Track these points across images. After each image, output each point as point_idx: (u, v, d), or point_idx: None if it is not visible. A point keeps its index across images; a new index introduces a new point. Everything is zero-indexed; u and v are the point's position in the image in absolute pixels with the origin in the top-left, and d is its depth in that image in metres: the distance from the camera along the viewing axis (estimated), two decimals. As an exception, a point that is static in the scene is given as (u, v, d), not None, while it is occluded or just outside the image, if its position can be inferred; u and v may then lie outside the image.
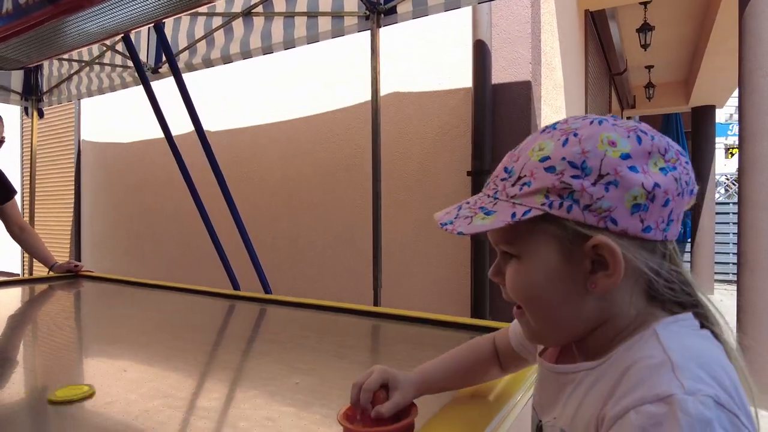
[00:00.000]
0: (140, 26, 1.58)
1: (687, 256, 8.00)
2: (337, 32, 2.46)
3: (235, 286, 2.08)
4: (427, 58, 2.79)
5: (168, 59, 1.87)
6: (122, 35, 1.68)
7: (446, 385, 0.76)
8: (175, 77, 1.86)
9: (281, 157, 3.41)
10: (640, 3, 4.47)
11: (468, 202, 0.54)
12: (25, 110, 4.03)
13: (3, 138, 2.13)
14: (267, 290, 1.97)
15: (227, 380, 1.01)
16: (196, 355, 1.19)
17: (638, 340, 0.47)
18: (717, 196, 8.34)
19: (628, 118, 8.70)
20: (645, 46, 4.94)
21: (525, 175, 0.49)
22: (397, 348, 1.25)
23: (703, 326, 0.49)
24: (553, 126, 0.51)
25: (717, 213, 7.40)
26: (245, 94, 3.61)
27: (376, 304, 2.28)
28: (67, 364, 1.13)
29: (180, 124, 3.89)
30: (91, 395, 0.87)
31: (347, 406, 0.70)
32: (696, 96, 6.87)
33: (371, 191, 2.97)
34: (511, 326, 0.72)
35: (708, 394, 0.40)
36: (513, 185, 0.50)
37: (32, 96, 3.97)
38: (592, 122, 0.49)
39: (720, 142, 11.69)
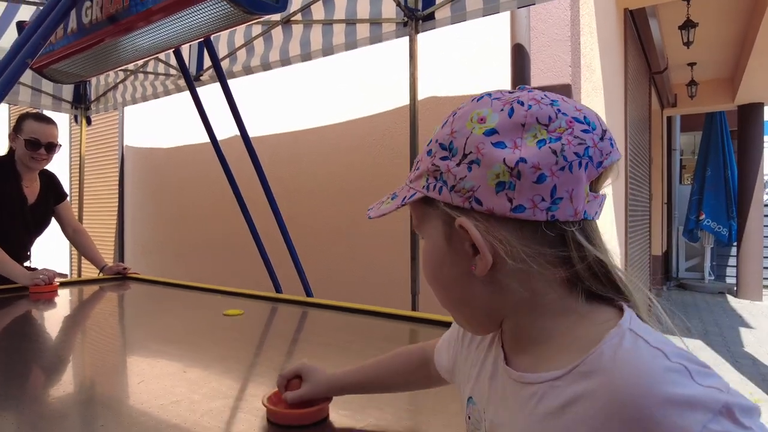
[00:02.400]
0: (192, 41, 1.64)
1: (733, 261, 7.71)
2: (375, 39, 2.49)
3: (278, 289, 2.13)
4: (465, 61, 2.79)
5: (216, 69, 1.95)
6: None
7: (360, 387, 0.79)
8: (221, 84, 1.93)
9: (320, 161, 3.47)
10: (683, -1, 4.35)
11: (397, 189, 0.54)
12: (75, 118, 4.23)
13: (59, 144, 2.26)
14: (309, 293, 2.02)
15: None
16: (247, 357, 1.24)
17: (615, 348, 0.40)
18: (766, 197, 8.01)
19: (667, 118, 8.45)
20: (688, 44, 4.79)
21: (419, 160, 0.49)
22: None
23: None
24: (453, 114, 0.48)
25: (766, 215, 7.10)
26: (283, 99, 3.69)
27: (414, 308, 2.30)
28: (129, 362, 1.19)
29: (219, 130, 4.01)
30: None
31: (275, 391, 0.82)
32: (742, 93, 6.61)
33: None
34: (440, 341, 0.70)
35: (727, 384, 0.38)
36: (412, 171, 0.50)
37: (81, 104, 4.16)
38: (473, 100, 0.47)
39: (768, 141, 11.22)
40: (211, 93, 4.06)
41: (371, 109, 3.19)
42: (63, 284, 2.33)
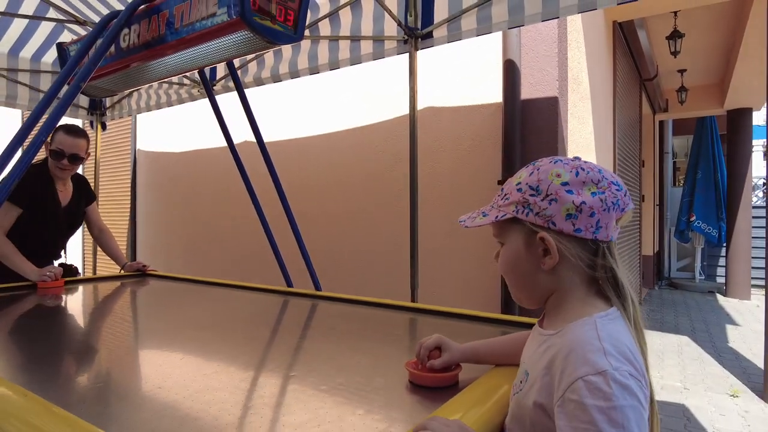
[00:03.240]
0: (216, 64, 1.84)
1: (723, 261, 7.91)
2: (378, 55, 2.70)
3: (289, 284, 2.33)
4: (461, 75, 3.00)
5: (234, 80, 2.15)
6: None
7: (488, 358, 1.05)
8: (239, 94, 2.13)
9: (325, 165, 3.68)
10: (670, 12, 4.55)
11: (480, 209, 0.84)
12: (90, 124, 4.43)
13: (85, 156, 2.42)
14: (317, 287, 2.22)
15: (302, 360, 1.25)
16: (270, 344, 1.44)
17: (582, 324, 0.71)
18: (754, 199, 8.21)
19: (659, 122, 8.67)
20: (675, 53, 5.00)
21: (508, 193, 0.79)
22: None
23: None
24: (533, 162, 0.79)
25: (754, 217, 7.30)
26: (291, 108, 3.90)
27: (413, 301, 2.50)
28: (153, 351, 1.39)
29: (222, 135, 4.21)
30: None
31: (413, 359, 1.03)
32: (731, 99, 6.82)
33: (406, 199, 3.20)
34: None
35: (625, 370, 0.64)
36: (502, 199, 0.80)
37: (97, 111, 4.35)
38: (551, 161, 0.76)
39: (758, 145, 11.43)
40: (221, 101, 4.26)
41: (373, 118, 3.40)
42: (85, 281, 2.51)
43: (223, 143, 4.37)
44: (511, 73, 2.69)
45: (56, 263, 2.56)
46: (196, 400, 0.93)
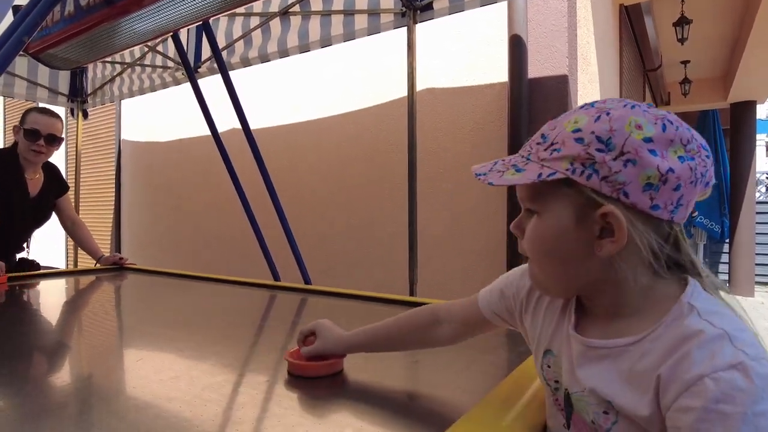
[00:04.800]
0: (190, 24, 1.64)
1: (725, 257, 7.76)
2: (374, 29, 2.49)
3: (276, 277, 2.13)
4: (461, 53, 2.80)
5: (216, 58, 1.94)
6: (171, 34, 1.75)
7: (371, 345, 0.88)
8: (222, 74, 1.92)
9: (314, 151, 3.47)
10: (678, -4, 4.37)
11: (503, 160, 0.60)
12: (71, 111, 4.20)
13: (61, 138, 2.25)
14: (307, 281, 2.02)
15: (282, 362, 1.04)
16: (248, 338, 1.24)
17: (678, 317, 0.52)
18: (758, 195, 8.06)
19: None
20: (682, 40, 4.82)
21: (557, 142, 0.55)
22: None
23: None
24: (592, 104, 0.56)
25: (758, 213, 7.15)
26: (278, 90, 3.69)
27: (411, 296, 2.30)
28: (127, 344, 1.19)
29: (215, 122, 3.99)
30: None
31: (296, 348, 0.92)
32: (735, 91, 6.66)
33: (405, 186, 3.00)
34: (481, 296, 0.80)
35: (764, 357, 0.47)
36: (545, 150, 0.56)
37: (78, 98, 4.13)
38: (625, 105, 0.54)
39: (762, 139, 11.30)
40: (208, 85, 4.05)
41: (366, 99, 3.19)
42: (58, 274, 2.32)
43: (208, 131, 4.16)
44: (517, 49, 2.49)
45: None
46: (169, 387, 0.84)
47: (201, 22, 1.64)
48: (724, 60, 6.52)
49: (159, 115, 4.71)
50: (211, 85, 4.04)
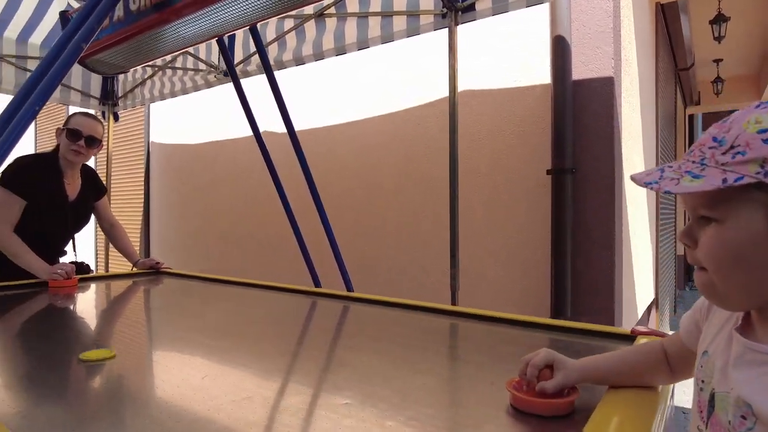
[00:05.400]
0: (238, 29, 1.61)
1: None
2: (413, 31, 2.45)
3: (317, 283, 2.10)
4: (501, 54, 2.74)
5: (262, 60, 1.91)
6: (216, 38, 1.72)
7: (609, 377, 0.80)
8: (267, 75, 1.90)
9: (351, 155, 3.43)
10: (716, -7, 4.25)
11: (671, 166, 0.56)
12: (102, 114, 4.23)
13: (101, 141, 2.25)
14: (349, 288, 1.98)
15: (353, 379, 1.00)
16: (305, 352, 1.20)
17: None
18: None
19: (689, 116, 8.30)
20: (719, 38, 4.69)
21: (739, 145, 0.51)
22: (505, 349, 1.21)
23: None
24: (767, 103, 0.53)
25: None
26: (313, 93, 3.66)
27: (453, 303, 2.25)
28: (185, 357, 1.16)
29: (241, 126, 3.98)
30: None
31: (515, 378, 0.82)
32: (771, 90, 6.47)
33: (443, 190, 2.94)
34: (681, 327, 0.75)
35: None
36: (724, 153, 0.52)
37: (109, 101, 4.16)
38: None
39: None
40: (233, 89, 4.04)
41: (405, 101, 3.15)
42: (96, 278, 2.31)
43: (241, 133, 4.16)
44: (560, 50, 2.42)
45: (67, 260, 2.37)
46: (245, 409, 0.77)
47: (248, 27, 1.61)
48: (758, 57, 6.34)
49: (187, 117, 4.73)
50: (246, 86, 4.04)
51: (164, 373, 1.03)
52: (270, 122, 3.85)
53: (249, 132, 4.09)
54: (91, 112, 5.39)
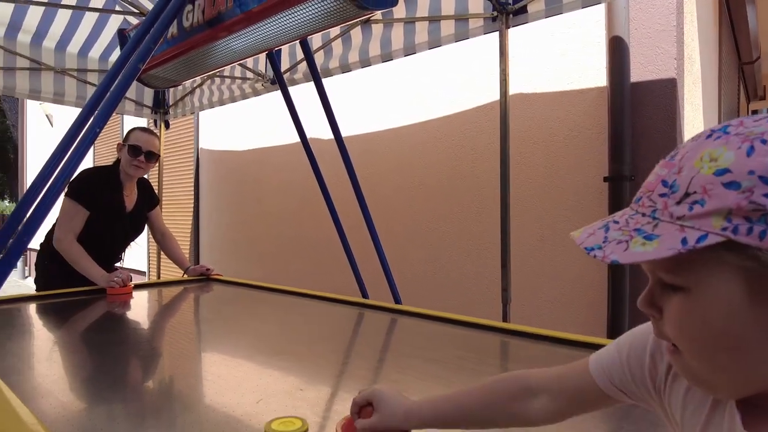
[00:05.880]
0: (288, 42, 1.60)
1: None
2: (461, 35, 2.39)
3: (364, 294, 2.07)
4: (554, 56, 2.64)
5: (311, 70, 1.91)
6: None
7: (447, 421, 0.69)
8: (316, 84, 1.90)
9: (396, 161, 3.40)
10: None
11: (616, 222, 0.45)
12: (155, 122, 4.38)
13: (159, 155, 2.34)
14: (397, 300, 1.95)
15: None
16: (359, 372, 1.17)
17: None
18: None
19: (752, 111, 7.81)
20: (789, 31, 4.37)
21: (695, 192, 0.40)
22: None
23: None
24: (723, 129, 0.41)
25: None
26: (357, 99, 3.66)
27: (505, 318, 2.18)
28: (239, 376, 1.15)
29: (288, 133, 4.02)
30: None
31: (348, 417, 0.75)
32: None
33: (492, 197, 2.86)
34: (593, 363, 0.62)
35: None
36: (678, 203, 0.41)
37: (160, 109, 4.30)
38: None
39: None
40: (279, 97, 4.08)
41: (449, 107, 3.09)
42: (148, 285, 2.38)
43: (288, 139, 4.21)
44: (618, 51, 2.30)
45: (118, 266, 2.46)
46: None
47: (299, 41, 1.60)
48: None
49: (235, 124, 4.83)
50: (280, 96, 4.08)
51: (219, 396, 1.02)
52: (316, 129, 3.87)
53: (295, 138, 4.13)
54: (144, 121, 5.59)
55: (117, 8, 3.21)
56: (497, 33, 2.27)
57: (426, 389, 1.05)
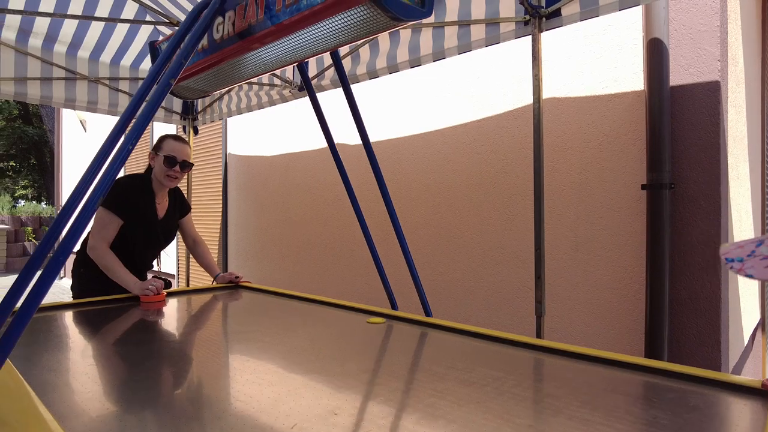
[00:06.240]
0: (320, 54, 1.58)
1: None
2: (492, 40, 2.33)
3: (393, 305, 2.04)
4: (588, 59, 2.56)
5: (341, 79, 1.89)
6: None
7: None
8: (344, 90, 1.87)
9: (422, 170, 3.36)
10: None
11: None
12: (183, 128, 4.44)
13: (193, 163, 2.36)
14: (428, 312, 1.91)
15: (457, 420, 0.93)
16: (396, 396, 1.14)
17: None
18: None
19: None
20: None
21: None
22: (609, 400, 1.09)
23: None
24: None
25: None
26: (381, 103, 3.63)
27: (538, 331, 2.12)
28: (272, 396, 1.13)
29: (314, 138, 4.02)
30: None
31: None
32: None
33: (522, 205, 2.80)
34: None
35: None
36: None
37: (189, 116, 4.36)
38: None
39: None
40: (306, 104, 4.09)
41: (479, 112, 3.03)
42: (179, 293, 2.39)
43: (315, 145, 4.21)
44: (656, 54, 2.21)
45: (149, 275, 2.49)
46: None
47: (329, 52, 1.58)
48: None
49: (263, 129, 4.86)
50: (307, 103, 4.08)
51: (253, 419, 1.00)
52: (342, 134, 3.86)
53: (322, 144, 4.13)
54: (173, 127, 5.65)
55: (148, 18, 3.26)
56: (529, 36, 2.21)
57: (465, 416, 1.01)
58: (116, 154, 1.14)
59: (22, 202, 18.53)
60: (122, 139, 1.19)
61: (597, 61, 2.51)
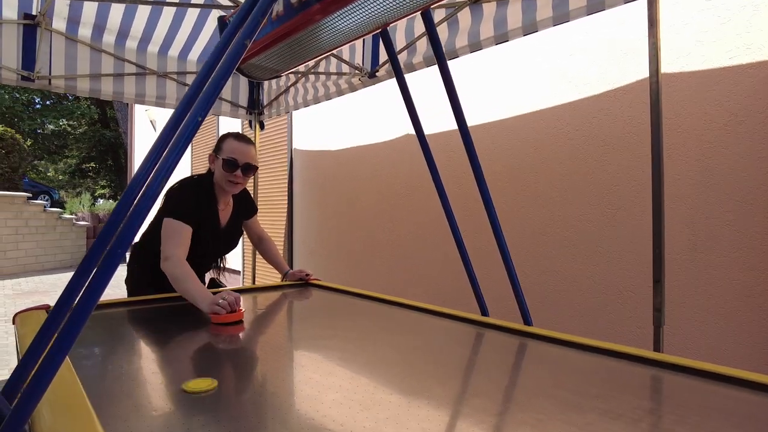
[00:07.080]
0: (403, 17, 1.36)
1: None
2: (596, 6, 2.02)
3: (483, 311, 1.79)
4: (711, 25, 2.19)
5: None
6: (380, 31, 1.50)
7: None
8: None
9: (507, 159, 3.08)
10: None
11: None
12: (249, 123, 4.38)
13: (257, 166, 2.11)
14: (527, 321, 1.64)
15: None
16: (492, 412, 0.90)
17: None
18: None
19: None
20: None
21: None
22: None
23: None
24: None
25: None
26: (462, 87, 3.37)
27: (657, 343, 1.79)
28: (329, 415, 0.92)
29: (390, 128, 3.82)
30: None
31: None
32: None
33: (627, 198, 2.47)
34: None
35: None
36: None
37: (255, 110, 4.28)
38: None
39: None
40: (382, 90, 3.89)
41: (573, 93, 2.71)
42: (247, 290, 2.26)
43: (382, 137, 4.02)
44: (806, 12, 1.82)
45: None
46: None
47: (419, 12, 1.35)
48: None
49: (328, 122, 4.73)
50: (391, 88, 3.87)
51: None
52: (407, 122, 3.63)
53: (390, 136, 3.92)
54: (239, 122, 5.62)
55: (219, 1, 3.17)
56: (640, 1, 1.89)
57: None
58: (184, 127, 0.97)
59: (101, 201, 19.73)
60: (191, 110, 1.02)
61: (722, 27, 2.13)
